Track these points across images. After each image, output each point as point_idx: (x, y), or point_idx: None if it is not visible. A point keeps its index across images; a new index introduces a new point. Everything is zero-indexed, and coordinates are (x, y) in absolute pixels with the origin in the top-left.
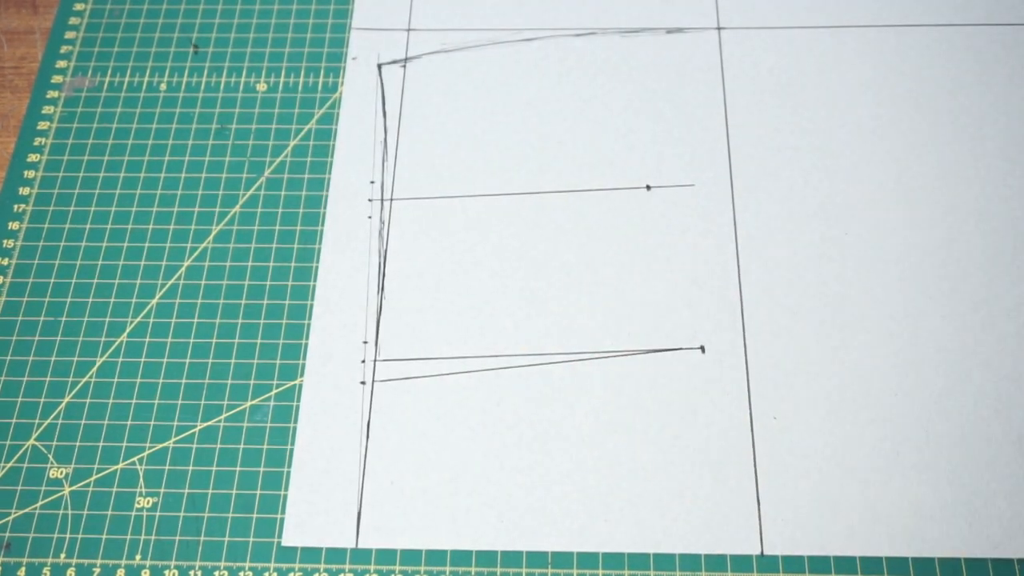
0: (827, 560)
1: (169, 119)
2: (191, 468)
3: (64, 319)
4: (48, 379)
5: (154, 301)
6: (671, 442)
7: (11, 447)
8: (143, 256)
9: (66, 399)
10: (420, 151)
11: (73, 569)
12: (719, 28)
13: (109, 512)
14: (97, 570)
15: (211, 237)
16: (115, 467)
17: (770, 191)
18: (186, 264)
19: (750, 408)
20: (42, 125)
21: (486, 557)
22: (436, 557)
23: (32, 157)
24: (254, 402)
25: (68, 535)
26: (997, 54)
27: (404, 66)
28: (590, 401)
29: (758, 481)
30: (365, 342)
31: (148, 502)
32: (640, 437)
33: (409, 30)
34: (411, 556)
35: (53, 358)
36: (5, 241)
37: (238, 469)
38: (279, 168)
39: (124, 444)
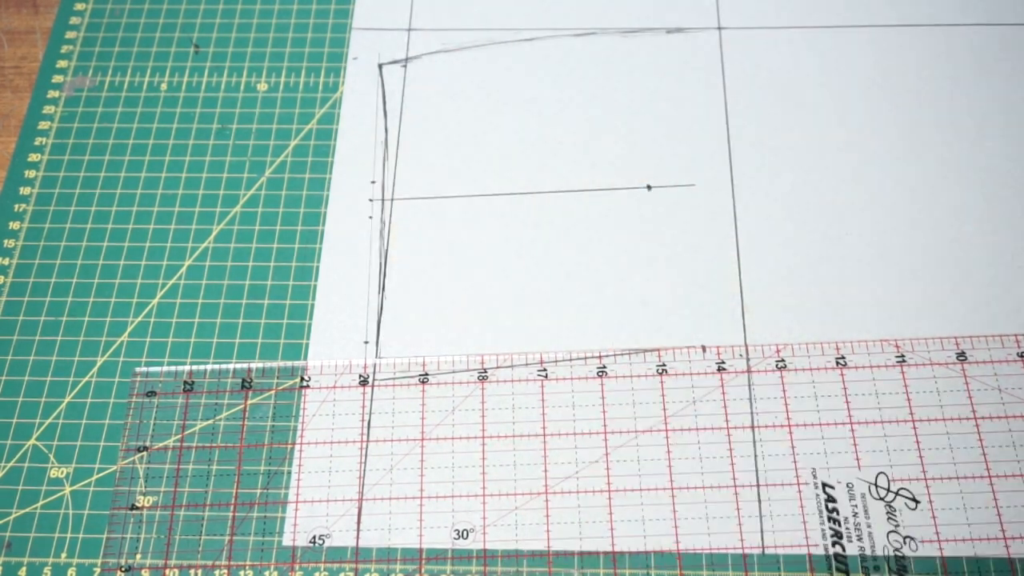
0: None
1: (170, 119)
2: (191, 467)
3: (64, 319)
4: (48, 379)
5: (155, 301)
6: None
7: (12, 447)
8: (144, 256)
9: (66, 399)
10: (420, 151)
11: (74, 569)
12: (719, 28)
13: (109, 512)
14: (97, 570)
15: (212, 237)
16: (115, 467)
17: (770, 191)
18: (187, 264)
19: (752, 408)
20: (43, 125)
21: (487, 557)
22: (437, 556)
23: (33, 157)
24: (254, 401)
25: (69, 535)
26: (997, 54)
27: (404, 66)
28: (591, 400)
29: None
30: (366, 342)
31: (148, 501)
32: (647, 436)
33: (409, 30)
34: (411, 556)
35: (53, 358)
36: (6, 241)
37: (238, 468)
38: (280, 168)
39: (124, 443)
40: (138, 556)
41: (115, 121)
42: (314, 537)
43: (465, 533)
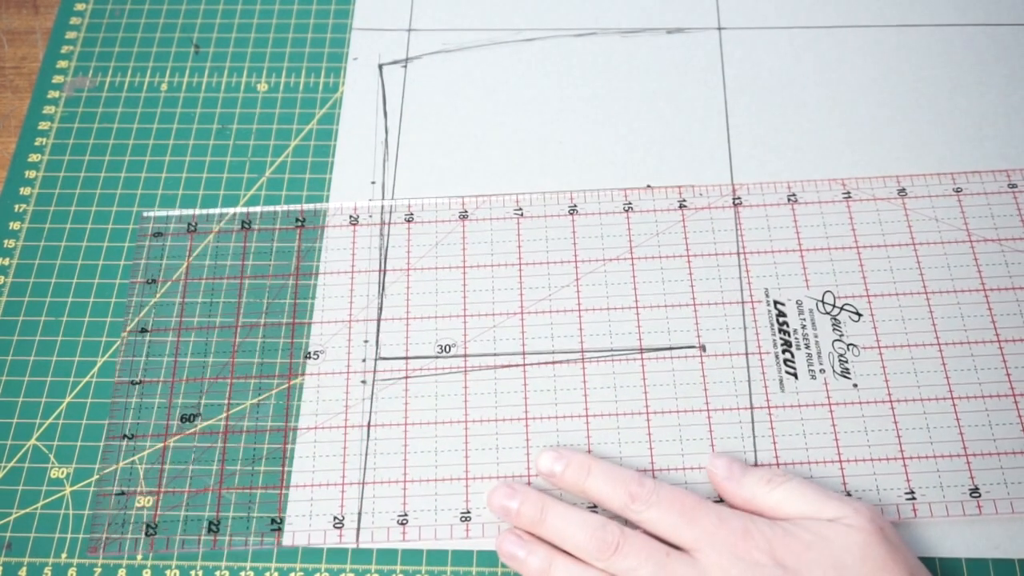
0: None
1: (170, 119)
2: (191, 467)
3: (64, 319)
4: (48, 379)
5: (155, 299)
6: None
7: (12, 447)
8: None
9: (66, 399)
10: (420, 151)
11: (74, 569)
12: (719, 28)
13: (109, 511)
14: (98, 570)
15: (211, 236)
16: (115, 467)
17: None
18: (187, 264)
19: (750, 398)
20: (43, 125)
21: (487, 557)
22: (437, 557)
23: (33, 157)
24: (254, 401)
25: (69, 535)
26: (997, 54)
27: (405, 66)
28: (573, 394)
29: None
30: (366, 341)
31: (148, 501)
32: None
33: (410, 30)
34: (411, 556)
35: (53, 358)
36: (6, 241)
37: (238, 468)
38: (280, 168)
39: (124, 443)
40: (139, 556)
41: (115, 121)
42: (312, 538)
43: (466, 528)
